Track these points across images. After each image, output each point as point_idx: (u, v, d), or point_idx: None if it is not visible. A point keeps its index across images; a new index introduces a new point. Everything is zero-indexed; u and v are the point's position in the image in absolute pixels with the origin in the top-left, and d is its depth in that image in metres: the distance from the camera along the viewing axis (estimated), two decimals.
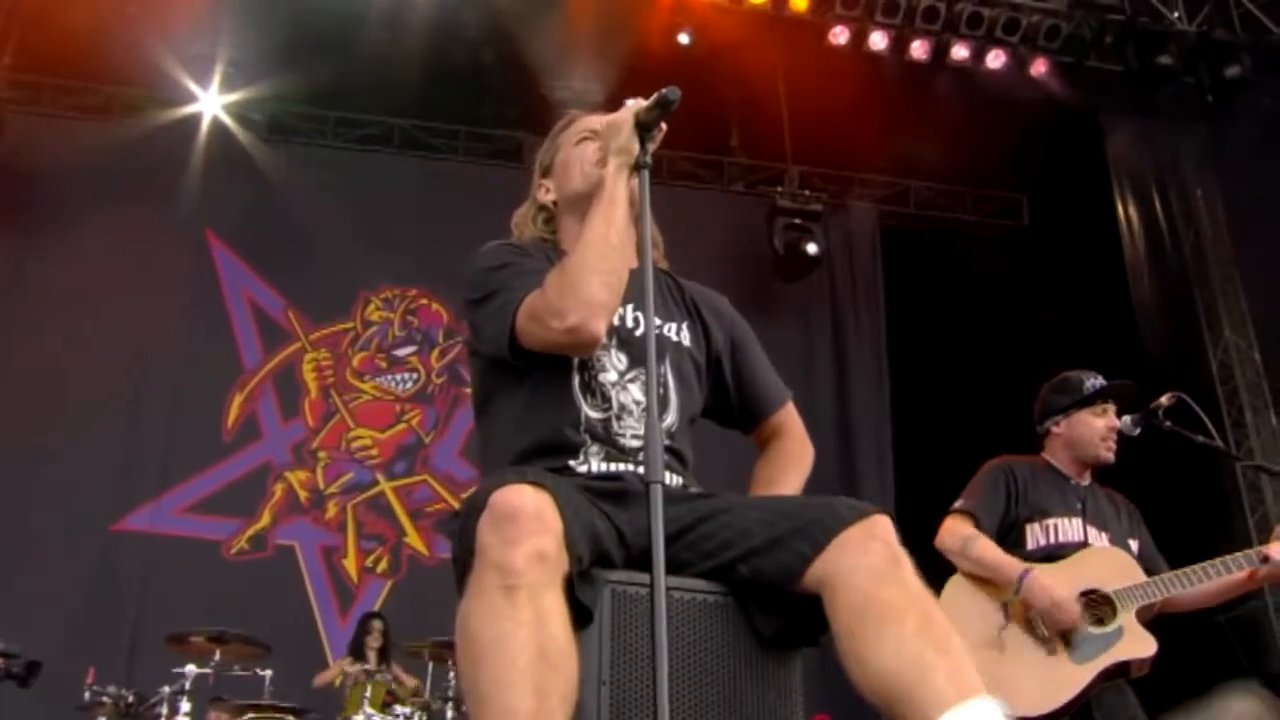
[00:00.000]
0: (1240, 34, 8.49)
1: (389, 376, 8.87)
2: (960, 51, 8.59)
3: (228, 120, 9.02)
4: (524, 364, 2.08)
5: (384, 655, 6.96)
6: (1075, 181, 9.67)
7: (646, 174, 2.08)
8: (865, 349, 9.69)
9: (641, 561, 1.86)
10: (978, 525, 3.57)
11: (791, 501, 2.05)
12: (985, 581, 3.50)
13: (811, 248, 8.93)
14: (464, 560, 1.73)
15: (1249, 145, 8.28)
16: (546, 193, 2.41)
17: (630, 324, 2.21)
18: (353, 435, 8.61)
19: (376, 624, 7.12)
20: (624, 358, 2.17)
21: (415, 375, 8.90)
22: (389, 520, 8.45)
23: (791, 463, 2.42)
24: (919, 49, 8.57)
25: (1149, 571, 3.54)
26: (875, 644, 1.72)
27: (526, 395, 2.12)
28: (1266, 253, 8.30)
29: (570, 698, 1.61)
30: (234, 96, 8.92)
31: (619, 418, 2.12)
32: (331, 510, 8.35)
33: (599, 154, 2.23)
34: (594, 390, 2.12)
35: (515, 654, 1.58)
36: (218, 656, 5.71)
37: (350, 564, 8.24)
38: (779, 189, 9.25)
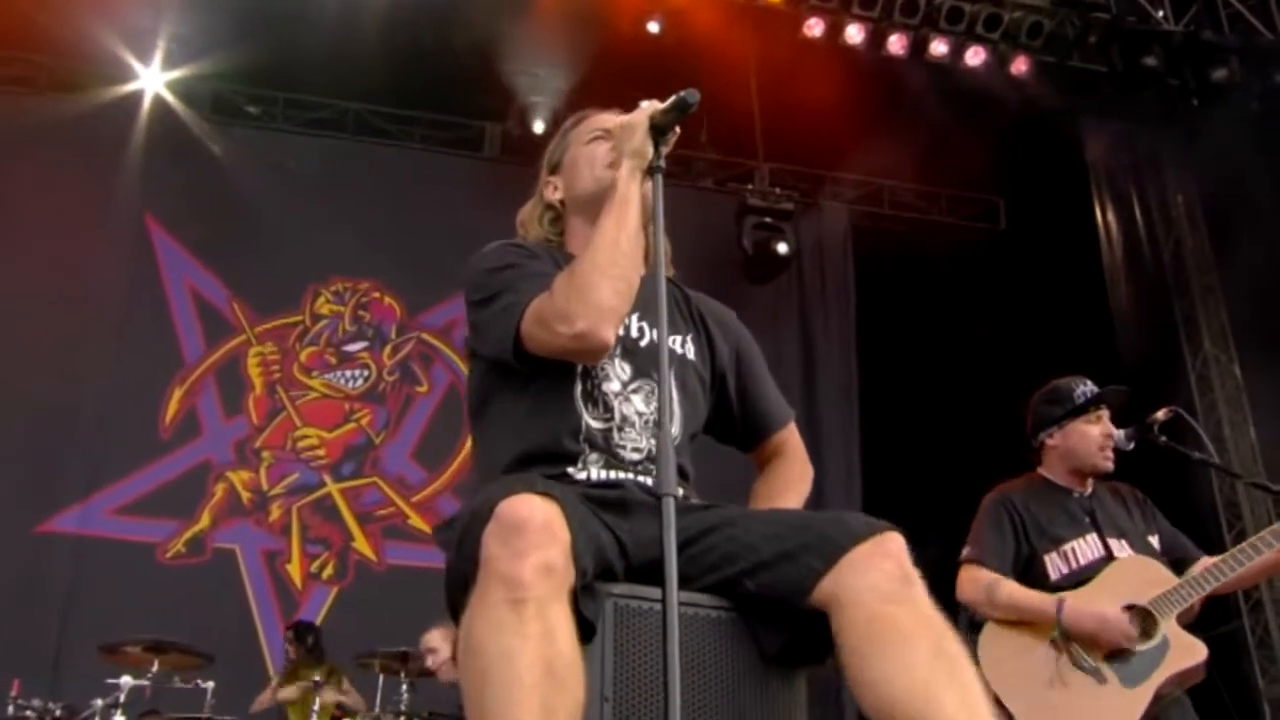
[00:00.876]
0: (1228, 35, 8.59)
1: (338, 373, 8.80)
2: (939, 47, 8.61)
3: (170, 99, 8.88)
4: (527, 368, 2.10)
5: (324, 668, 6.84)
6: (1054, 185, 9.77)
7: (660, 178, 2.11)
8: (834, 353, 9.69)
9: (643, 574, 1.89)
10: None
11: (799, 515, 2.06)
12: (1021, 624, 3.49)
13: (782, 248, 8.91)
14: (463, 571, 1.73)
15: (1233, 151, 8.35)
16: (554, 191, 2.42)
17: (635, 334, 2.23)
18: (299, 434, 8.54)
19: (292, 634, 7.00)
20: (628, 368, 2.19)
21: (366, 372, 8.84)
22: (336, 524, 8.36)
23: (792, 484, 2.43)
24: (896, 44, 8.57)
25: (1178, 561, 3.57)
26: (884, 667, 1.73)
27: (527, 401, 2.14)
28: (1248, 263, 8.40)
29: (577, 716, 1.62)
30: (177, 74, 8.78)
31: (620, 429, 2.14)
32: (275, 512, 8.27)
33: (611, 155, 2.26)
34: (596, 399, 2.15)
35: (522, 671, 1.58)
36: (155, 667, 5.59)
37: (294, 569, 8.15)
38: (749, 187, 9.23)
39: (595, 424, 2.12)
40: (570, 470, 2.07)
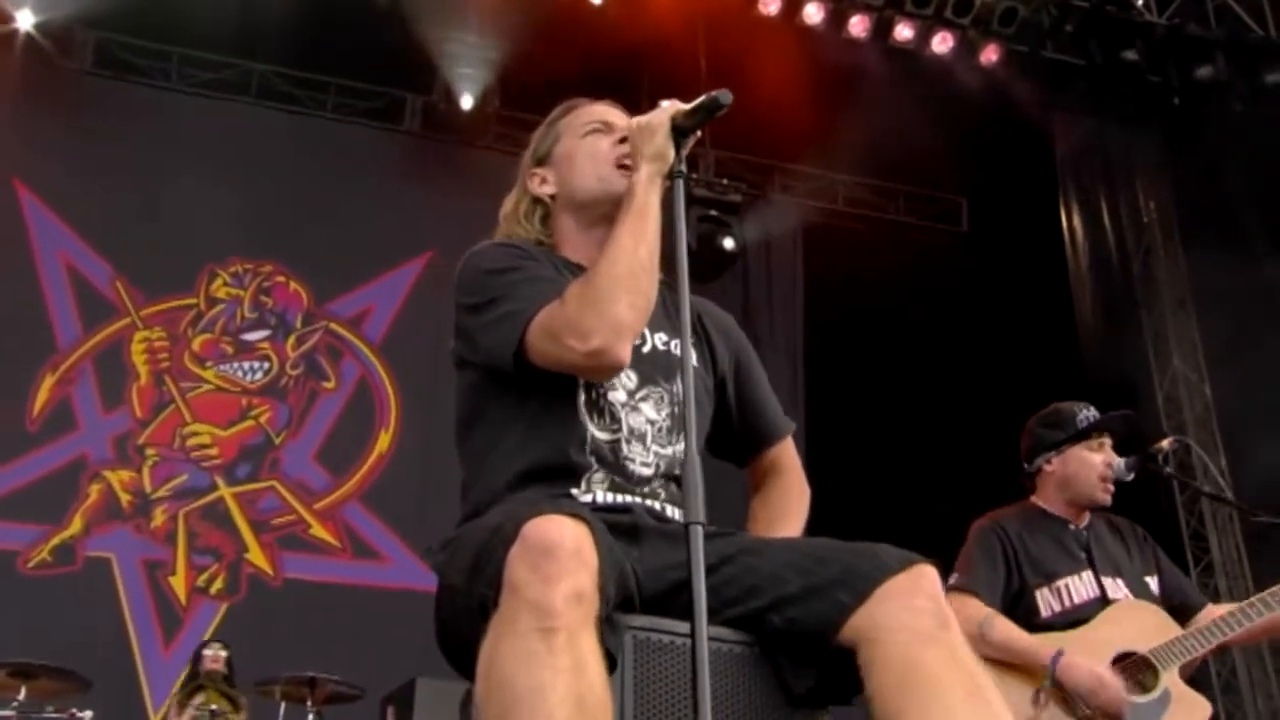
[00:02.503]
0: (1215, 30, 8.62)
1: (235, 364, 8.67)
2: (904, 31, 8.60)
3: (47, 47, 8.55)
4: (526, 379, 2.12)
5: (229, 698, 6.60)
6: (1021, 186, 9.78)
7: (681, 184, 2.12)
8: (780, 356, 9.66)
9: (653, 605, 1.92)
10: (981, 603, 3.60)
11: (824, 545, 2.05)
12: (1008, 665, 3.49)
13: (728, 243, 8.84)
14: (476, 597, 1.75)
15: (1213, 156, 8.40)
16: (542, 184, 2.42)
17: (637, 340, 2.22)
18: (189, 430, 8.39)
19: (211, 653, 6.76)
20: (634, 375, 2.21)
21: (267, 365, 8.72)
22: (228, 532, 8.20)
23: (791, 506, 2.47)
24: (858, 25, 8.55)
25: (1180, 608, 3.60)
26: (917, 714, 1.75)
27: (528, 415, 2.17)
28: (1223, 276, 8.45)
29: None
30: (54, 16, 8.44)
31: (628, 441, 2.17)
32: (159, 518, 8.08)
33: (615, 152, 2.29)
34: (602, 409, 2.17)
35: (554, 707, 1.59)
36: (23, 694, 5.40)
37: (178, 583, 7.95)
38: (694, 176, 9.11)
39: (602, 435, 2.15)
40: (574, 491, 2.09)
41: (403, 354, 8.78)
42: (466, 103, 8.90)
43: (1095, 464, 3.70)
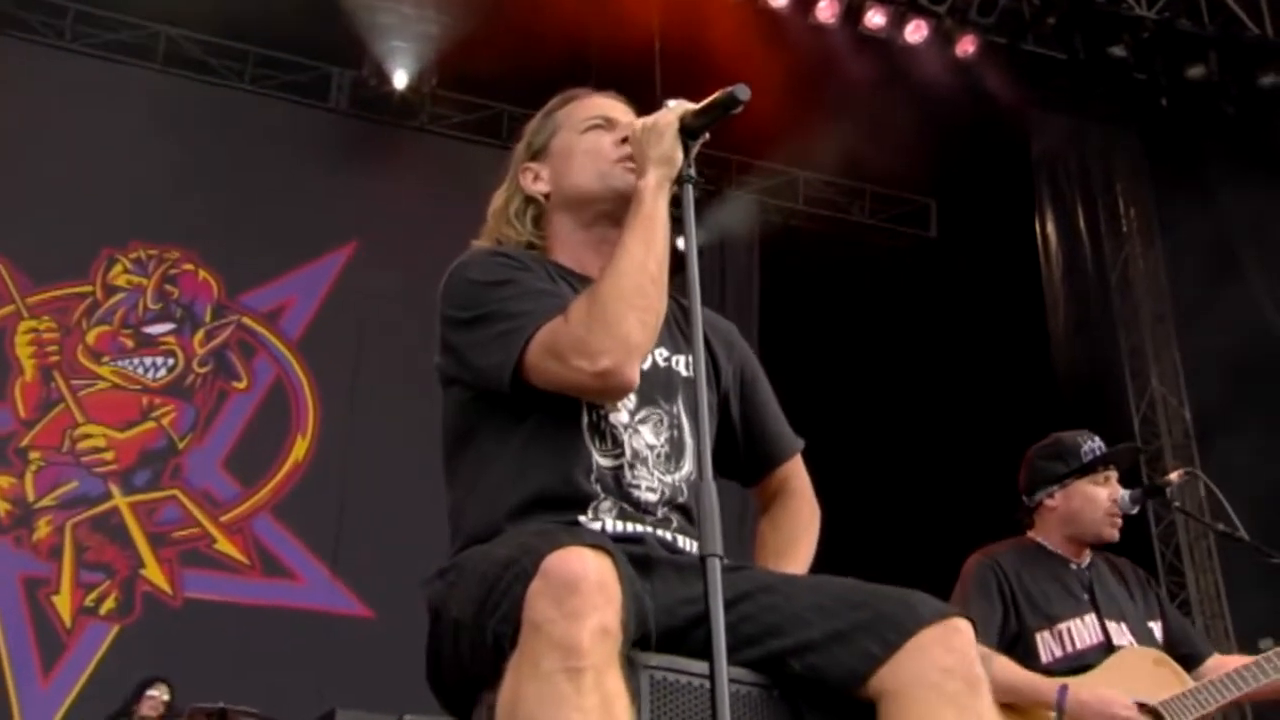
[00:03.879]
0: (1208, 27, 8.63)
1: (136, 360, 8.53)
2: (875, 18, 8.59)
3: None
4: (524, 401, 2.12)
5: None
6: (994, 188, 9.78)
7: (690, 189, 2.16)
8: None
9: (666, 643, 1.91)
10: None
11: (851, 586, 2.05)
12: (1010, 707, 3.49)
13: (679, 241, 8.76)
14: (490, 632, 1.77)
15: (1201, 162, 8.43)
16: (536, 180, 2.41)
17: None
18: (81, 432, 8.23)
19: (158, 692, 6.56)
20: (632, 395, 2.20)
21: (171, 361, 8.58)
22: (121, 546, 8.04)
23: (800, 531, 2.48)
24: (826, 10, 8.54)
25: (1186, 657, 3.63)
26: None
27: (525, 436, 2.16)
28: (1208, 293, 8.49)
29: None
30: None
31: (632, 466, 2.17)
32: (42, 529, 7.91)
33: (618, 151, 2.29)
34: (604, 433, 2.17)
35: None
36: None
37: (62, 602, 7.81)
38: None
39: (605, 462, 2.15)
40: (582, 519, 2.09)
41: (323, 353, 8.67)
42: (400, 80, 8.82)
43: (1101, 499, 3.72)
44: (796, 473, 2.53)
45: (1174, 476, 3.89)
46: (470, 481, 2.21)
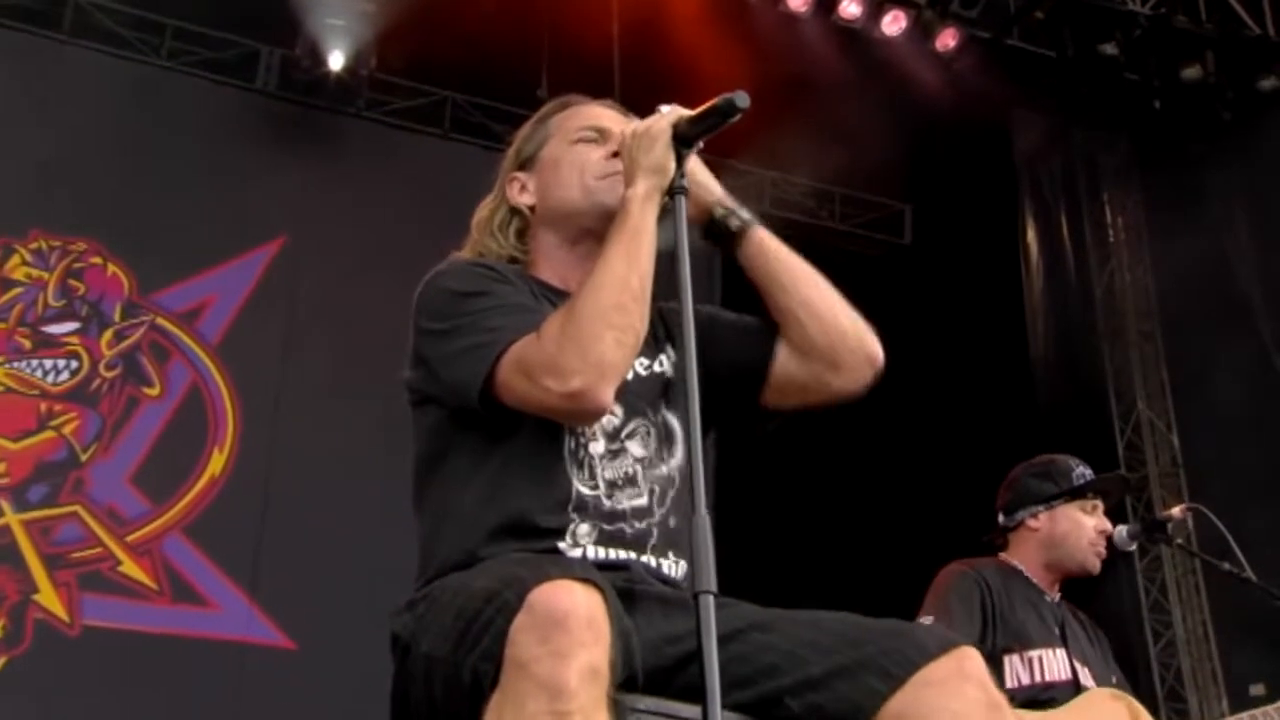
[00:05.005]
0: (1205, 25, 8.64)
1: (34, 362, 8.29)
2: (851, 8, 8.57)
3: None
4: (497, 419, 2.17)
5: None
6: (972, 193, 9.76)
7: (684, 200, 2.19)
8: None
9: (650, 684, 1.95)
10: None
11: (849, 621, 2.09)
12: None
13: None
14: (467, 669, 1.80)
15: (1194, 169, 8.46)
16: (522, 192, 2.47)
17: None
18: None
19: None
20: (619, 409, 2.24)
21: (75, 364, 8.37)
22: (12, 568, 7.79)
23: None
24: None
25: None
26: None
27: (502, 459, 2.21)
28: (1197, 308, 8.50)
29: None
30: None
31: (619, 487, 2.22)
32: None
33: (607, 165, 2.35)
34: (586, 456, 2.22)
35: None
36: None
37: None
38: None
39: (586, 484, 2.20)
40: (561, 546, 2.13)
41: (245, 358, 8.51)
42: (335, 61, 8.66)
43: (1087, 526, 3.85)
44: None
45: (1176, 511, 4.08)
46: (442, 506, 2.25)
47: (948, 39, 8.75)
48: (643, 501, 2.22)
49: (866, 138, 8.89)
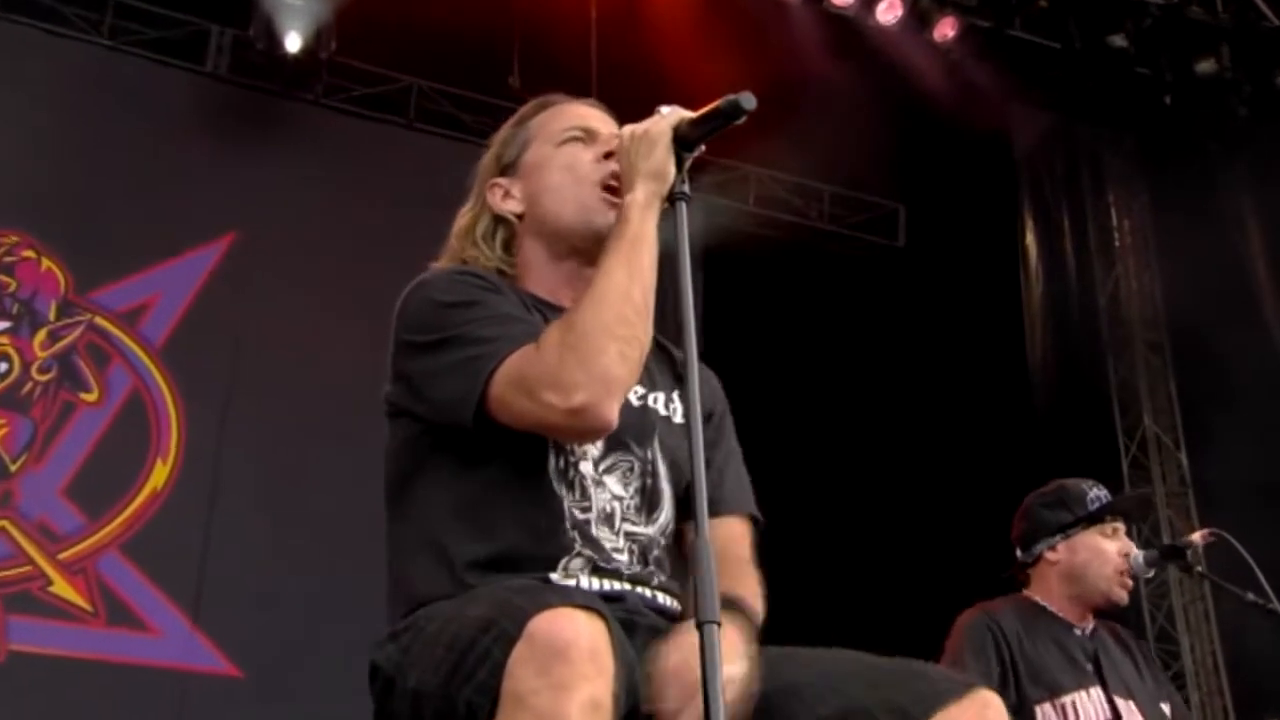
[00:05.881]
0: (1220, 16, 8.65)
1: None
2: None
3: None
4: (484, 439, 2.16)
5: None
6: (970, 193, 9.75)
7: (684, 208, 2.18)
8: None
9: None
10: None
11: (861, 660, 2.12)
12: None
13: None
14: (461, 702, 1.80)
15: (1207, 170, 8.44)
16: (506, 198, 2.47)
17: None
18: None
19: None
20: (599, 441, 2.24)
21: (4, 365, 8.27)
22: None
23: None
24: None
25: None
26: None
27: (486, 480, 2.21)
28: (1210, 318, 8.54)
29: None
30: None
31: (606, 518, 2.23)
32: None
33: (602, 172, 2.35)
34: (573, 481, 2.23)
35: None
36: None
37: None
38: None
39: (577, 512, 2.21)
40: (554, 577, 2.13)
41: (191, 363, 8.42)
42: (292, 43, 8.58)
43: (1110, 553, 3.81)
44: (741, 538, 2.49)
45: (1197, 537, 3.94)
46: (421, 529, 2.24)
47: (946, 28, 8.77)
48: (620, 540, 2.23)
49: (858, 132, 8.82)
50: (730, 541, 2.46)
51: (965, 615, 3.84)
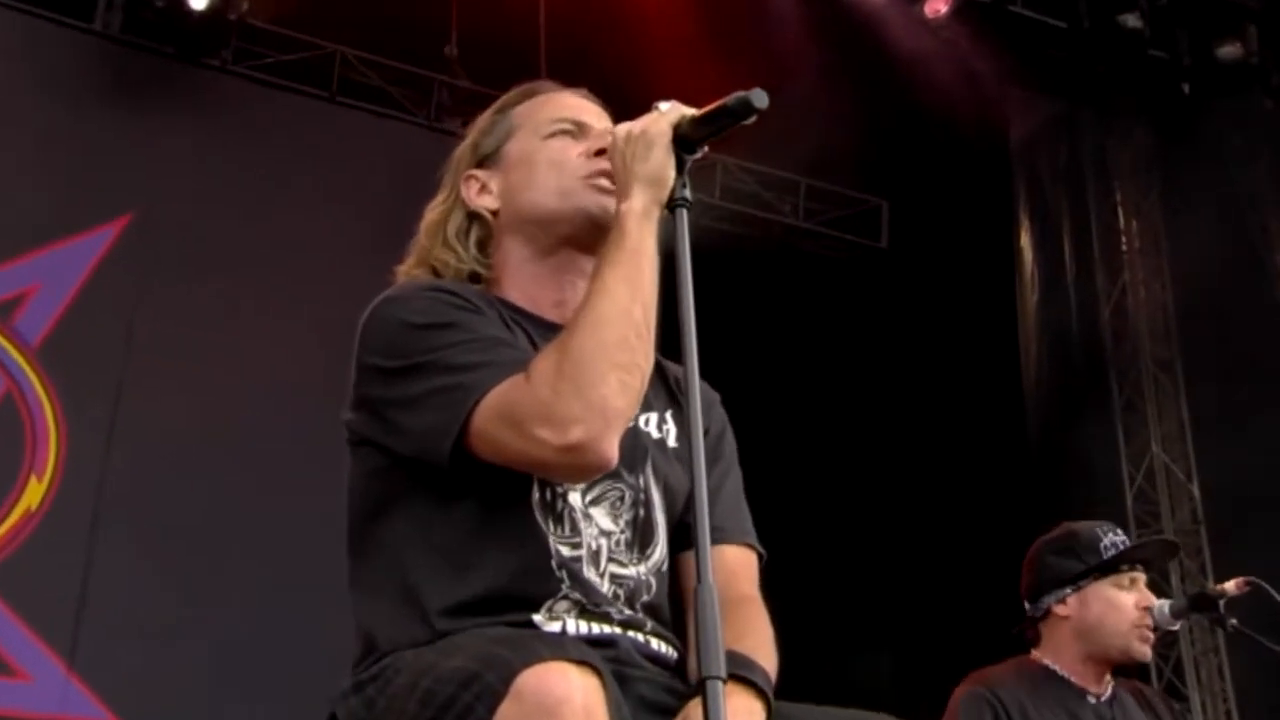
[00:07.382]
0: None
1: None
2: None
3: None
4: (462, 473, 2.16)
5: None
6: (961, 188, 9.74)
7: (685, 214, 2.18)
8: None
9: None
10: None
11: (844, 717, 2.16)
12: None
13: None
14: None
15: (1226, 166, 8.39)
16: (482, 193, 2.48)
17: None
18: None
19: None
20: None
21: None
22: None
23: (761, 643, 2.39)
24: None
25: None
26: None
27: (464, 515, 2.21)
28: (1228, 334, 8.65)
29: None
30: None
31: (594, 555, 2.23)
32: None
33: (591, 168, 2.36)
34: (560, 515, 2.24)
35: None
36: None
37: None
38: None
39: (565, 550, 2.21)
40: (537, 619, 2.14)
41: (74, 365, 8.27)
42: (199, 2, 8.41)
43: (1127, 605, 3.80)
44: (743, 570, 2.50)
45: (1230, 586, 3.91)
46: (389, 568, 2.25)
47: (938, 4, 8.74)
48: (606, 583, 2.24)
49: (838, 119, 8.90)
50: (732, 577, 2.44)
51: (960, 689, 3.83)
